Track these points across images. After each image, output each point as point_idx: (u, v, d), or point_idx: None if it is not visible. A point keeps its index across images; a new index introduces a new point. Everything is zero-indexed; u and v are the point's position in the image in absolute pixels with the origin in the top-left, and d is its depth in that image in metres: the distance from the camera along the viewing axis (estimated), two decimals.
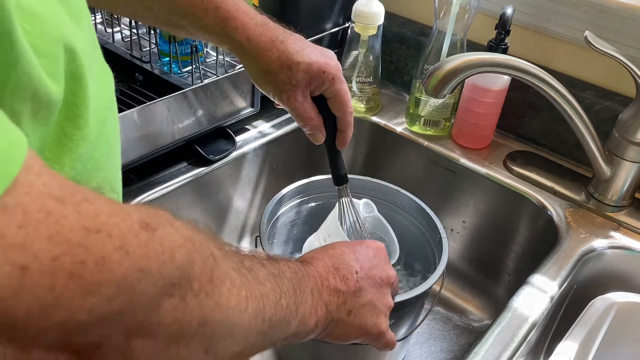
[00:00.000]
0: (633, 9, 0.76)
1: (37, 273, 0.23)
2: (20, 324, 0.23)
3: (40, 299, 0.23)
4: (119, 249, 0.26)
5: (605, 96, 0.82)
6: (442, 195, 0.91)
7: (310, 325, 0.44)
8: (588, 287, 0.74)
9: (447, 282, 0.90)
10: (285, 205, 0.75)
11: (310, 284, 0.45)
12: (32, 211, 0.23)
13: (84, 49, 0.32)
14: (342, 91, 0.59)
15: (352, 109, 0.62)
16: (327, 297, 0.47)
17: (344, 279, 0.48)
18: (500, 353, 0.58)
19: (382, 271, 0.52)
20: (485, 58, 0.70)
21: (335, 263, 0.49)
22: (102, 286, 0.25)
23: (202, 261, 0.32)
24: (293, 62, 0.56)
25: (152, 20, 0.60)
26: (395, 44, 1.01)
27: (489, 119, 0.87)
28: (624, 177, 0.76)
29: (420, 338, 0.85)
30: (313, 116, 0.60)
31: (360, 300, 0.49)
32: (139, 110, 0.70)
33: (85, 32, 0.34)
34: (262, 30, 0.56)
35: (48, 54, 0.28)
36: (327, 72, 0.57)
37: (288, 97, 0.58)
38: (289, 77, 0.56)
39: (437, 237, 0.70)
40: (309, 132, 0.61)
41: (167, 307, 0.29)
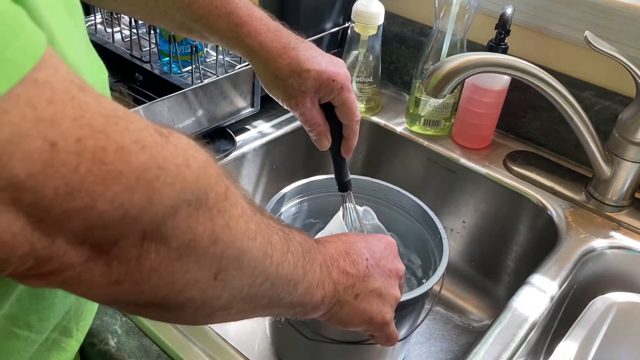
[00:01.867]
0: (633, 9, 0.76)
1: (65, 152, 0.24)
2: (47, 204, 0.24)
3: (66, 179, 0.24)
4: (136, 142, 0.26)
5: (605, 96, 0.82)
6: (442, 195, 0.91)
7: (317, 298, 0.44)
8: (588, 287, 0.74)
9: (447, 282, 0.90)
10: (285, 205, 0.75)
11: (320, 259, 0.45)
12: (59, 91, 0.24)
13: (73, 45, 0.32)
14: (349, 100, 0.61)
15: (359, 118, 0.63)
16: (336, 276, 0.47)
17: (354, 263, 0.49)
18: (500, 353, 0.58)
19: (391, 263, 0.53)
20: (485, 58, 0.70)
21: (346, 248, 0.50)
22: (122, 175, 0.26)
23: (216, 176, 0.32)
24: (303, 70, 0.57)
25: (167, 24, 0.61)
26: (395, 44, 1.01)
27: (489, 119, 0.88)
28: (624, 177, 0.76)
29: (420, 338, 0.85)
30: (320, 122, 0.61)
31: (368, 286, 0.49)
32: (139, 110, 0.70)
33: (79, 29, 0.34)
34: (274, 36, 0.58)
35: None
36: (337, 80, 0.59)
37: (297, 103, 0.59)
38: (299, 84, 0.58)
39: (437, 237, 0.70)
40: (315, 137, 0.63)
41: (183, 215, 0.29)
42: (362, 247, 0.51)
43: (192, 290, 0.32)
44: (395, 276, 0.53)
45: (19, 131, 0.23)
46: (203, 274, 0.32)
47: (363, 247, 0.51)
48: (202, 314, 0.35)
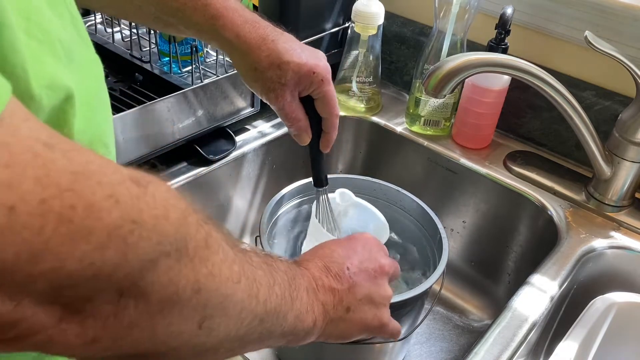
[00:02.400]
0: (633, 9, 0.76)
1: (25, 215, 0.22)
2: (8, 269, 0.23)
3: (29, 242, 0.23)
4: (108, 197, 0.25)
5: (605, 96, 0.82)
6: (442, 195, 0.91)
7: (308, 323, 0.44)
8: (588, 287, 0.74)
9: (447, 282, 0.90)
10: (285, 205, 0.75)
11: (305, 283, 0.45)
12: (19, 152, 0.23)
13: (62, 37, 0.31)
14: (329, 93, 0.59)
15: (339, 112, 0.62)
16: (322, 296, 0.46)
17: (337, 277, 0.48)
18: (500, 353, 0.58)
19: (374, 262, 0.52)
20: (485, 58, 0.70)
21: (325, 263, 0.49)
22: (92, 233, 0.24)
23: (196, 224, 0.31)
24: (283, 62, 0.56)
25: (142, 18, 0.59)
26: (395, 44, 1.01)
27: (489, 119, 0.87)
28: (624, 177, 0.76)
29: (420, 338, 0.85)
30: (300, 117, 0.60)
31: (356, 295, 0.49)
32: (139, 110, 0.70)
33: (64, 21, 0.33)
34: (252, 27, 0.56)
35: None
36: (317, 73, 0.57)
37: (276, 96, 0.58)
38: (279, 76, 0.56)
39: (437, 237, 0.70)
40: (295, 132, 0.61)
41: (162, 267, 0.28)
42: (340, 257, 0.50)
43: (176, 340, 0.31)
44: (382, 274, 0.52)
45: None
46: (187, 324, 0.31)
47: (340, 257, 0.50)
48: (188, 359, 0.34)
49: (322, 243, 0.53)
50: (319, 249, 0.51)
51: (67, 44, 0.31)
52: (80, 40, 0.34)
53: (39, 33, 0.29)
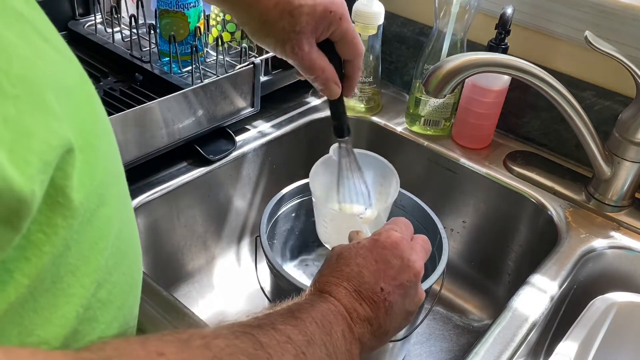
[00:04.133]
0: (633, 9, 0.76)
1: None
2: None
3: None
4: None
5: (605, 96, 0.82)
6: (442, 195, 0.91)
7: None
8: (588, 287, 0.74)
9: (447, 282, 0.90)
10: (285, 205, 0.75)
11: (340, 327, 0.42)
12: None
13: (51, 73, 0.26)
14: (350, 31, 0.53)
15: (363, 50, 0.56)
16: (359, 330, 0.44)
17: (372, 303, 0.45)
18: (500, 353, 0.58)
19: (408, 271, 0.48)
20: (485, 58, 0.70)
21: (355, 286, 0.45)
22: None
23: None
24: (294, 7, 0.49)
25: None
26: (395, 44, 1.01)
27: (489, 119, 0.88)
28: (624, 177, 0.76)
29: (420, 338, 0.85)
30: (325, 66, 0.53)
31: (394, 315, 0.46)
32: (140, 110, 0.70)
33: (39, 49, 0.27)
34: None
35: None
36: (334, 11, 0.51)
37: (292, 48, 0.51)
38: (292, 25, 0.50)
39: (437, 237, 0.70)
40: (322, 86, 0.54)
41: None
42: (371, 276, 0.46)
43: None
44: (416, 282, 0.48)
45: None
46: None
47: (372, 275, 0.46)
48: None
49: (345, 256, 0.48)
50: (344, 265, 0.47)
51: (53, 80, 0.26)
52: (64, 62, 0.29)
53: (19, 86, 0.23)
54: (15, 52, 0.24)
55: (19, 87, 0.23)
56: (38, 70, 0.25)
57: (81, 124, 0.28)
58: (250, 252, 0.95)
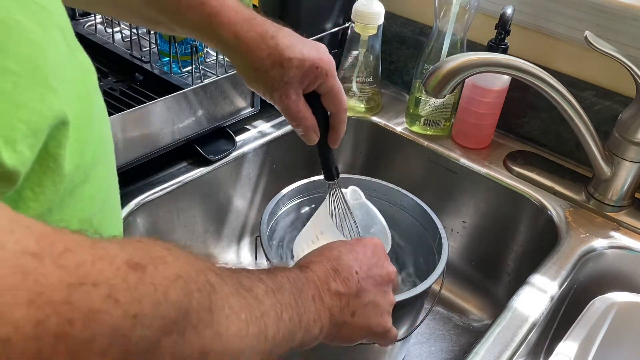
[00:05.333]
0: (633, 9, 0.76)
1: (21, 342, 0.21)
2: None
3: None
4: (107, 298, 0.24)
5: (605, 96, 0.82)
6: (442, 195, 0.91)
7: (314, 332, 0.44)
8: (588, 287, 0.74)
9: (447, 282, 0.90)
10: (285, 205, 0.75)
11: (312, 291, 0.44)
12: (7, 275, 0.21)
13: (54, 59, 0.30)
14: (336, 86, 0.57)
15: (346, 105, 0.60)
16: (329, 301, 0.46)
17: (345, 281, 0.48)
18: (500, 353, 0.58)
19: (381, 269, 0.51)
20: (485, 58, 0.70)
21: (334, 266, 0.48)
22: (93, 342, 0.23)
23: (198, 292, 0.31)
24: (285, 59, 0.53)
25: (134, 19, 0.58)
26: (395, 44, 1.01)
27: (489, 119, 0.88)
28: (624, 177, 0.76)
29: (420, 338, 0.85)
30: (307, 116, 0.57)
31: (363, 300, 0.49)
32: (139, 110, 0.70)
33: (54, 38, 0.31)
34: (250, 25, 0.54)
35: None
36: (321, 67, 0.55)
37: (280, 96, 0.55)
38: (281, 75, 0.54)
39: (437, 237, 0.70)
40: (302, 132, 0.59)
41: (167, 346, 0.28)
42: (350, 261, 0.49)
43: None
44: (388, 281, 0.52)
45: None
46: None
47: (350, 260, 0.49)
48: None
49: (330, 244, 0.52)
50: (326, 250, 0.50)
51: (56, 63, 0.30)
52: (69, 53, 0.33)
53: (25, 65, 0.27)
54: (28, 37, 0.28)
55: (23, 65, 0.27)
56: (46, 55, 0.29)
57: (78, 108, 0.31)
58: (250, 252, 0.95)
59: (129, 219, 0.72)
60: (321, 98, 0.58)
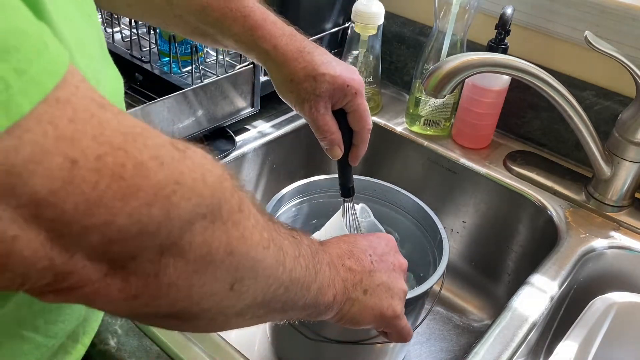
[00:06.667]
0: (633, 9, 0.76)
1: (85, 169, 0.24)
2: (67, 219, 0.24)
3: (86, 195, 0.24)
4: (154, 158, 0.27)
5: (605, 96, 0.82)
6: (442, 195, 0.91)
7: (329, 297, 0.45)
8: (588, 287, 0.74)
9: (447, 282, 0.90)
10: (285, 205, 0.75)
11: (327, 259, 0.46)
12: (80, 109, 0.25)
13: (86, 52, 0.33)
14: (362, 106, 0.60)
15: (371, 125, 0.62)
16: (343, 273, 0.47)
17: (359, 260, 0.49)
18: (500, 353, 0.58)
19: (394, 257, 0.53)
20: (485, 58, 0.70)
21: (349, 247, 0.50)
22: (140, 190, 0.26)
23: (231, 190, 0.32)
24: (318, 73, 0.57)
25: (181, 28, 0.60)
26: (395, 44, 1.01)
27: (489, 119, 0.88)
28: (624, 177, 0.76)
29: (420, 338, 0.85)
30: (334, 130, 0.60)
31: (376, 280, 0.50)
32: (139, 110, 0.70)
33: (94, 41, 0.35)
34: (289, 40, 0.58)
35: None
36: (351, 86, 0.58)
37: (310, 108, 0.59)
38: (313, 88, 0.57)
39: (437, 237, 0.70)
40: (327, 146, 0.62)
41: (198, 228, 0.30)
42: (364, 245, 0.52)
43: (209, 301, 0.33)
44: (400, 270, 0.53)
45: (41, 149, 0.23)
46: (219, 285, 0.33)
47: (365, 245, 0.52)
48: (217, 322, 0.36)
49: (347, 233, 0.55)
50: (343, 236, 0.53)
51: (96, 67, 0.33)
52: (103, 58, 0.36)
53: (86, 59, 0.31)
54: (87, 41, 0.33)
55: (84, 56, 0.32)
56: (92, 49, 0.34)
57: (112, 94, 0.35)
58: None
59: None
60: (347, 116, 0.61)
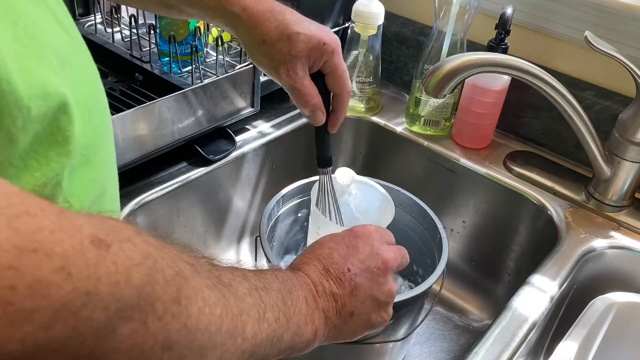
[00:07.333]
0: (633, 9, 0.76)
1: None
2: None
3: None
4: (59, 270, 0.23)
5: (605, 96, 0.82)
6: (442, 195, 0.91)
7: (307, 335, 0.43)
8: (588, 287, 0.74)
9: (447, 282, 0.90)
10: (285, 205, 0.75)
11: (304, 292, 0.44)
12: None
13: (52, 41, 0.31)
14: (341, 66, 0.57)
15: (350, 87, 0.59)
16: (324, 303, 0.45)
17: (338, 280, 0.47)
18: (500, 353, 0.58)
19: (376, 259, 0.49)
20: (485, 58, 0.70)
21: (325, 265, 0.47)
22: (35, 313, 0.22)
23: (165, 280, 0.29)
24: (293, 32, 0.54)
25: (144, 2, 0.58)
26: (395, 44, 1.01)
27: (489, 119, 0.88)
28: (624, 177, 0.76)
29: (420, 338, 0.85)
30: (314, 94, 0.57)
31: (360, 298, 0.47)
32: (139, 110, 0.70)
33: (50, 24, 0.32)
34: (258, 1, 0.55)
35: None
36: (328, 44, 0.55)
37: (287, 70, 0.55)
38: (289, 48, 0.54)
39: (437, 237, 0.70)
40: (309, 112, 0.58)
41: (125, 332, 0.26)
42: (340, 257, 0.48)
43: None
44: (385, 270, 0.50)
45: None
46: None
47: (341, 257, 0.48)
48: None
49: (320, 241, 0.51)
50: (317, 248, 0.50)
51: (58, 48, 0.31)
52: (72, 42, 0.34)
53: (26, 38, 0.28)
54: (32, 20, 0.29)
55: (27, 40, 0.28)
56: (48, 39, 0.30)
57: (79, 92, 0.32)
58: (250, 252, 0.95)
59: (129, 218, 0.72)
60: (325, 78, 0.58)
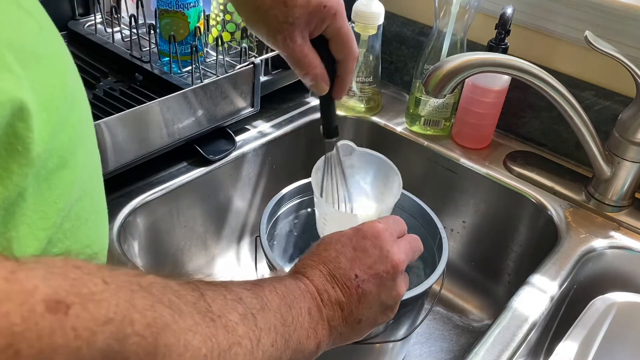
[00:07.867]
0: (633, 9, 0.76)
1: None
2: None
3: None
4: (5, 349, 0.21)
5: (605, 96, 0.82)
6: (442, 195, 0.91)
7: (310, 348, 0.42)
8: (588, 287, 0.74)
9: (447, 282, 0.90)
10: (285, 205, 0.75)
11: (307, 304, 0.42)
12: None
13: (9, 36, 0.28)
14: (344, 29, 0.52)
15: (357, 52, 0.54)
16: (328, 312, 0.44)
17: (344, 288, 0.45)
18: (500, 353, 0.58)
19: (385, 263, 0.47)
20: (485, 58, 0.70)
21: (330, 270, 0.45)
22: None
23: (138, 333, 0.27)
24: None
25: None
26: (395, 44, 1.01)
27: (489, 119, 0.88)
28: (624, 177, 0.76)
29: (420, 338, 0.85)
30: (316, 63, 0.52)
31: (367, 304, 0.46)
32: (139, 110, 0.70)
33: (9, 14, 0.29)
34: None
35: None
36: (329, 6, 0.50)
37: (284, 38, 0.50)
38: (285, 14, 0.49)
39: (437, 237, 0.70)
40: (311, 82, 0.53)
41: None
42: (347, 261, 0.46)
43: None
44: (394, 274, 0.48)
45: None
46: None
47: (348, 261, 0.46)
48: None
49: (326, 241, 0.49)
50: (322, 250, 0.48)
51: (19, 40, 0.28)
52: (38, 29, 0.30)
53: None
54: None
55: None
56: (3, 33, 0.27)
57: (46, 88, 0.29)
58: (250, 252, 0.95)
59: (129, 219, 0.72)
60: (329, 43, 0.53)
